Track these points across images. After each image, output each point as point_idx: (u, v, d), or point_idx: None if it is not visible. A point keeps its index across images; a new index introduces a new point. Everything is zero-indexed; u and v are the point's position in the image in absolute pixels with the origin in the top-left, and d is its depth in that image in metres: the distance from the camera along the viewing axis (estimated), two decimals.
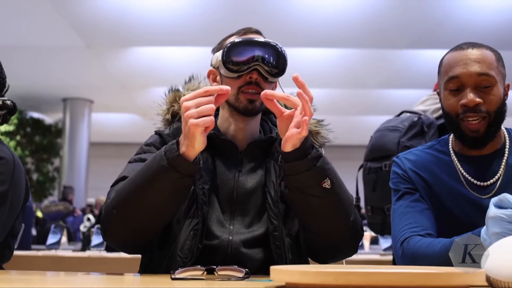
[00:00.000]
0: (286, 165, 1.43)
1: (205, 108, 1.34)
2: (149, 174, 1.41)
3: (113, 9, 7.72)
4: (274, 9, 7.64)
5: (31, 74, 10.64)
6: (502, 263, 1.03)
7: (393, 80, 10.53)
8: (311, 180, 1.43)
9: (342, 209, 1.50)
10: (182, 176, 1.39)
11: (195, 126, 1.33)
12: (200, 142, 1.36)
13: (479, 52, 1.61)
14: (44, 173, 12.83)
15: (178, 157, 1.38)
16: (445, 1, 7.52)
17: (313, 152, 1.43)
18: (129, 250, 1.59)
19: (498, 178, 1.64)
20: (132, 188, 1.45)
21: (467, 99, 1.58)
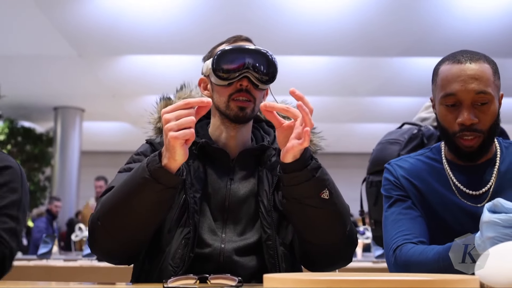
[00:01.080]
0: (286, 176, 1.43)
1: (185, 121, 1.33)
2: (132, 186, 1.41)
3: (104, 18, 7.71)
4: (266, 17, 7.66)
5: (22, 83, 10.60)
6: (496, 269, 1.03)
7: (384, 87, 10.56)
8: (310, 190, 1.44)
9: (339, 219, 1.51)
10: (165, 188, 1.39)
11: (174, 139, 1.32)
12: (181, 155, 1.35)
13: (477, 67, 1.58)
14: (35, 182, 12.75)
15: (160, 169, 1.37)
16: (436, 10, 7.56)
17: (312, 163, 1.43)
18: (116, 261, 1.59)
19: (490, 187, 1.64)
20: (115, 200, 1.45)
21: (463, 118, 1.57)
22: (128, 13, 7.62)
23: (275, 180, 1.62)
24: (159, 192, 1.39)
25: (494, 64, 1.63)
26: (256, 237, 1.59)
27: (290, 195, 1.46)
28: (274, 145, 1.71)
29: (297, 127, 1.38)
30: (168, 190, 1.40)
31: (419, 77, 9.54)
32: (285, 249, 1.59)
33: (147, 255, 1.60)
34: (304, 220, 1.49)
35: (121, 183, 1.46)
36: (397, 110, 12.22)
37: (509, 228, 1.21)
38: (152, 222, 1.48)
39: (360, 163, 3.06)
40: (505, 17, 7.61)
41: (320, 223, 1.48)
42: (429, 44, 8.26)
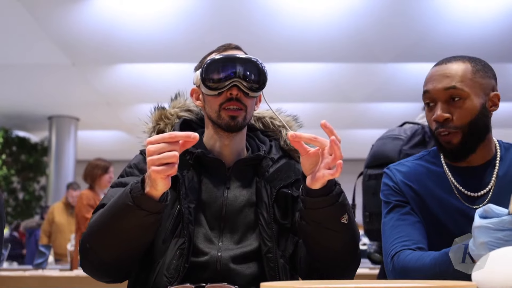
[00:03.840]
0: (310, 200, 1.44)
1: (168, 156, 1.30)
2: (116, 211, 1.42)
3: (98, 27, 7.71)
4: (260, 25, 7.67)
5: (16, 92, 10.58)
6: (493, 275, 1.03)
7: (378, 93, 10.58)
8: (332, 215, 1.45)
9: (353, 242, 1.53)
10: (148, 214, 1.39)
11: (156, 173, 1.31)
12: (162, 186, 1.34)
13: (452, 66, 1.64)
14: (30, 192, 12.70)
15: (142, 196, 1.37)
16: (429, 16, 7.58)
17: (336, 188, 1.45)
18: (107, 279, 1.59)
19: (490, 189, 1.65)
20: (101, 223, 1.46)
21: (436, 115, 1.62)
22: (122, 22, 7.62)
23: (274, 192, 1.63)
24: (142, 218, 1.39)
25: (478, 64, 1.66)
26: (254, 246, 1.59)
27: (311, 218, 1.47)
28: (271, 155, 1.71)
29: (326, 156, 1.37)
30: (152, 216, 1.40)
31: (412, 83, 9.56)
32: (285, 262, 1.60)
33: (142, 265, 1.60)
34: (321, 242, 1.50)
35: (107, 207, 1.47)
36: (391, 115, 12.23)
37: (501, 231, 1.21)
38: (139, 244, 1.49)
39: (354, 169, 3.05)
40: (498, 22, 7.65)
41: (335, 245, 1.50)
42: (422, 50, 8.29)
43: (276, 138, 1.81)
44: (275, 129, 1.82)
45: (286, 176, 1.68)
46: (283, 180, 1.66)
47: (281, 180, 1.66)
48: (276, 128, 1.82)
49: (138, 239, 1.46)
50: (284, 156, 1.75)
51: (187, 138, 1.32)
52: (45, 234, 7.16)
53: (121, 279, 1.59)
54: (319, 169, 1.38)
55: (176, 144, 1.32)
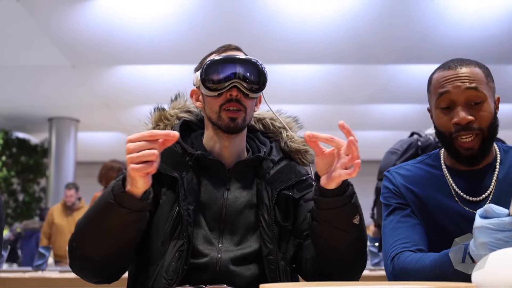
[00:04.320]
0: (324, 200, 1.44)
1: (147, 154, 1.31)
2: (99, 210, 1.43)
3: (98, 29, 7.72)
4: (259, 26, 7.67)
5: (16, 94, 10.58)
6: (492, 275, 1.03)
7: (378, 95, 10.58)
8: (344, 215, 1.45)
9: (362, 242, 1.53)
10: (130, 212, 1.39)
11: (134, 171, 1.32)
12: (142, 184, 1.35)
13: (468, 69, 1.61)
14: (30, 193, 12.71)
15: (123, 194, 1.37)
16: (428, 17, 7.59)
17: (350, 189, 1.45)
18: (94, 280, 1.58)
19: (490, 193, 1.64)
20: (86, 223, 1.47)
21: (459, 117, 1.58)
22: (122, 24, 7.62)
23: (275, 194, 1.62)
24: (124, 215, 1.40)
25: (486, 69, 1.66)
26: (254, 247, 1.59)
27: (324, 218, 1.46)
28: (271, 156, 1.71)
29: (342, 157, 1.37)
30: (134, 214, 1.40)
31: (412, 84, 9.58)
32: (285, 264, 1.59)
33: (141, 267, 1.59)
34: (331, 242, 1.50)
35: (92, 206, 1.48)
36: (391, 117, 12.26)
37: (502, 232, 1.21)
38: (124, 243, 1.48)
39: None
40: (498, 23, 7.65)
41: (345, 245, 1.50)
42: (422, 51, 8.29)
43: (277, 140, 1.80)
44: (275, 130, 1.82)
45: (287, 178, 1.67)
46: (284, 182, 1.66)
47: (282, 182, 1.66)
48: (277, 129, 1.81)
49: (122, 237, 1.46)
50: (285, 157, 1.75)
51: (167, 136, 1.32)
52: (45, 236, 7.16)
53: (109, 279, 1.58)
54: (335, 169, 1.38)
55: (156, 143, 1.32)
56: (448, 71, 1.63)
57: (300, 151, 1.76)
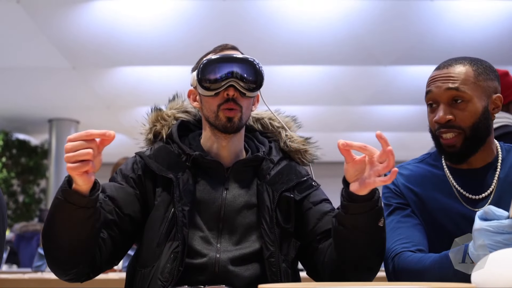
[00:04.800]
0: (354, 205, 1.45)
1: (82, 153, 1.33)
2: (52, 206, 1.45)
3: (98, 30, 7.71)
4: (259, 28, 7.67)
5: (16, 95, 10.57)
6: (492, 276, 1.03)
7: (378, 96, 10.57)
8: (371, 219, 1.46)
9: (384, 244, 1.54)
10: (77, 208, 1.40)
11: (70, 170, 1.34)
12: (81, 182, 1.37)
13: (454, 69, 1.64)
14: (30, 194, 12.69)
15: (68, 191, 1.39)
16: (428, 19, 7.59)
17: (377, 194, 1.46)
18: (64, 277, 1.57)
19: (491, 192, 1.64)
20: (46, 220, 1.49)
21: (438, 116, 1.62)
22: (121, 25, 7.62)
23: (277, 196, 1.62)
24: (72, 211, 1.41)
25: (481, 67, 1.65)
26: (253, 248, 1.58)
27: (351, 223, 1.47)
28: (271, 157, 1.70)
29: (376, 164, 1.39)
30: (81, 210, 1.41)
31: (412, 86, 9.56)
32: (287, 266, 1.59)
33: (138, 269, 1.59)
34: (355, 245, 1.50)
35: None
36: (391, 118, 12.25)
37: (501, 235, 1.21)
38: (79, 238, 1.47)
39: None
40: (498, 25, 7.65)
41: (369, 248, 1.51)
42: (422, 53, 8.29)
43: (275, 139, 1.80)
44: (274, 130, 1.81)
45: (288, 179, 1.67)
46: (285, 183, 1.66)
47: (283, 184, 1.65)
48: (275, 129, 1.81)
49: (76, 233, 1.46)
50: (285, 157, 1.74)
51: (103, 136, 1.36)
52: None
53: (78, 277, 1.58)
54: (369, 176, 1.40)
55: (93, 142, 1.35)
56: (436, 71, 1.68)
57: (300, 151, 1.76)
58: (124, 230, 1.59)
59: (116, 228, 1.58)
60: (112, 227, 1.57)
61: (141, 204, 1.62)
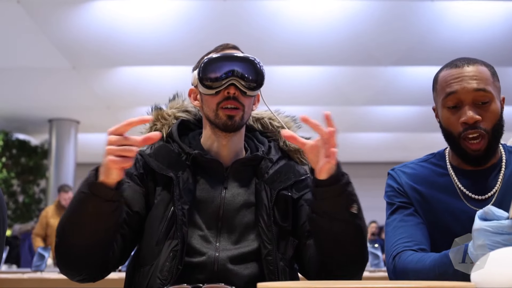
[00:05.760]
0: (320, 190, 1.45)
1: (127, 149, 1.34)
2: (75, 200, 1.44)
3: (98, 30, 7.72)
4: (259, 28, 7.67)
5: (16, 95, 10.58)
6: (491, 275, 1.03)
7: (378, 97, 10.58)
8: (342, 204, 1.46)
9: (362, 234, 1.52)
10: (103, 201, 1.40)
11: (112, 163, 1.35)
12: (115, 175, 1.38)
13: (474, 68, 1.61)
14: (30, 195, 12.70)
15: (95, 184, 1.39)
16: (428, 19, 7.59)
17: (345, 178, 1.45)
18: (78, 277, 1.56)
19: (495, 192, 1.63)
20: (66, 216, 1.47)
21: (467, 117, 1.58)
22: (122, 25, 7.62)
23: (274, 194, 1.62)
24: (98, 205, 1.41)
25: (491, 68, 1.65)
26: (252, 246, 1.58)
27: (321, 209, 1.47)
28: (270, 156, 1.71)
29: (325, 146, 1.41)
30: (107, 203, 1.41)
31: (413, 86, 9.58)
32: (284, 264, 1.59)
33: (137, 267, 1.59)
34: (331, 235, 1.49)
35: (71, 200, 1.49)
36: (391, 119, 12.25)
37: (500, 235, 1.21)
38: (100, 235, 1.48)
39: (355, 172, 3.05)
40: (498, 25, 7.65)
41: (345, 237, 1.50)
42: (422, 53, 8.29)
43: (275, 139, 1.80)
44: (274, 130, 1.82)
45: (286, 178, 1.67)
46: (283, 182, 1.66)
47: (281, 182, 1.65)
48: (275, 129, 1.81)
49: (99, 228, 1.46)
50: (284, 157, 1.74)
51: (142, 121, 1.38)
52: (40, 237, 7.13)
53: (92, 276, 1.57)
54: (320, 160, 1.41)
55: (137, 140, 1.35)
56: (455, 70, 1.63)
57: (299, 150, 1.76)
58: (133, 228, 1.60)
59: (126, 226, 1.58)
60: (123, 225, 1.57)
61: (145, 201, 1.62)
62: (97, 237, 1.47)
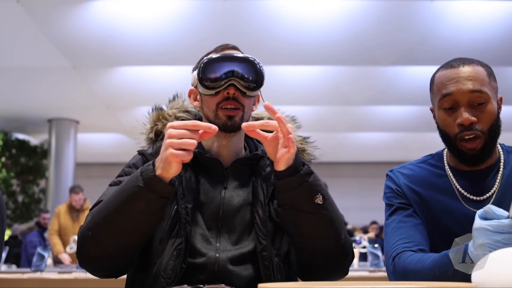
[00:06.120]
0: (279, 182, 1.44)
1: (187, 143, 1.35)
2: (125, 195, 1.42)
3: (98, 30, 7.72)
4: (260, 28, 7.68)
5: (16, 95, 10.58)
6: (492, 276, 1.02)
7: (378, 96, 10.59)
8: (304, 195, 1.44)
9: (333, 226, 1.50)
10: (158, 197, 1.40)
11: (173, 156, 1.35)
12: (175, 170, 1.38)
13: (470, 68, 1.60)
14: (29, 194, 12.70)
15: (154, 178, 1.38)
16: (428, 19, 7.60)
17: (304, 168, 1.44)
18: (103, 273, 1.56)
19: (494, 193, 1.63)
20: (108, 210, 1.45)
21: (462, 118, 1.57)
22: (122, 25, 7.63)
23: (270, 190, 1.62)
24: (151, 201, 1.40)
25: (488, 67, 1.65)
26: (251, 247, 1.58)
27: (285, 202, 1.46)
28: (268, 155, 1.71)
29: (280, 137, 1.41)
30: (161, 200, 1.41)
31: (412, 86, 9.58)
32: (280, 260, 1.58)
33: (140, 266, 1.59)
34: (299, 227, 1.48)
35: (114, 193, 1.46)
36: (391, 119, 12.26)
37: (500, 234, 1.20)
38: (143, 233, 1.47)
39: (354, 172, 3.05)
40: (498, 25, 7.66)
41: (314, 229, 1.48)
42: (422, 53, 8.30)
43: None
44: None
45: None
46: None
47: None
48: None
49: (144, 225, 1.45)
50: None
51: (208, 129, 1.37)
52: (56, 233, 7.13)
53: (117, 273, 1.57)
54: (278, 150, 1.41)
55: (196, 133, 1.37)
56: (450, 71, 1.63)
57: (298, 150, 1.76)
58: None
59: None
60: None
61: None
62: (138, 235, 1.47)
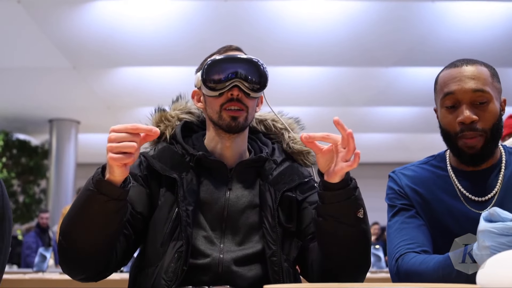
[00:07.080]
0: (329, 194, 1.45)
1: (127, 145, 1.34)
2: (82, 199, 1.43)
3: (99, 30, 7.72)
4: (261, 29, 7.67)
5: (17, 95, 10.58)
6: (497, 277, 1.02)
7: (379, 97, 10.59)
8: (349, 208, 1.46)
9: (366, 238, 1.52)
10: (109, 199, 1.40)
11: (112, 160, 1.34)
12: (119, 173, 1.37)
13: (473, 68, 1.61)
14: (30, 195, 12.70)
15: (102, 181, 1.39)
16: (429, 20, 7.60)
17: (352, 182, 1.46)
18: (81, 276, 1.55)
19: (496, 193, 1.63)
20: (70, 214, 1.46)
21: (463, 116, 1.58)
22: (122, 25, 7.62)
23: (279, 195, 1.62)
24: (103, 203, 1.40)
25: (492, 68, 1.65)
26: (256, 248, 1.58)
27: (328, 213, 1.47)
28: (274, 157, 1.70)
29: (340, 151, 1.41)
30: (113, 202, 1.41)
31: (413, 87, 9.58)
32: (289, 266, 1.59)
33: (142, 268, 1.59)
34: (336, 238, 1.49)
35: (77, 197, 1.48)
36: (392, 119, 12.26)
37: (505, 237, 1.20)
38: (106, 234, 1.47)
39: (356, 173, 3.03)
40: (498, 26, 7.66)
41: (350, 241, 1.49)
42: (423, 54, 8.30)
43: (279, 141, 1.80)
44: (277, 131, 1.81)
45: (290, 180, 1.67)
46: (287, 183, 1.66)
47: (285, 184, 1.65)
48: (278, 130, 1.81)
49: (104, 227, 1.45)
50: (287, 159, 1.74)
51: (149, 132, 1.35)
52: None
53: (96, 276, 1.56)
54: (336, 163, 1.41)
55: (137, 136, 1.35)
56: (454, 70, 1.63)
57: (302, 152, 1.76)
58: (136, 229, 1.60)
59: (130, 227, 1.58)
60: (126, 226, 1.57)
61: (150, 202, 1.62)
62: (101, 236, 1.46)
